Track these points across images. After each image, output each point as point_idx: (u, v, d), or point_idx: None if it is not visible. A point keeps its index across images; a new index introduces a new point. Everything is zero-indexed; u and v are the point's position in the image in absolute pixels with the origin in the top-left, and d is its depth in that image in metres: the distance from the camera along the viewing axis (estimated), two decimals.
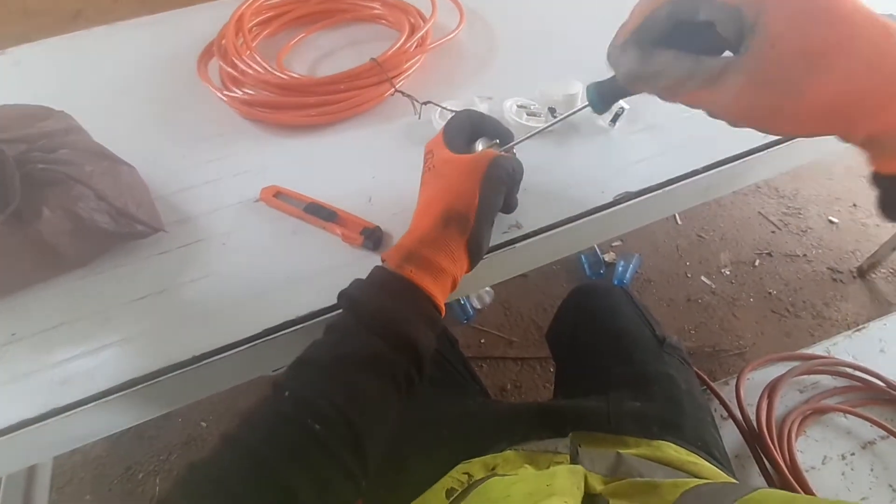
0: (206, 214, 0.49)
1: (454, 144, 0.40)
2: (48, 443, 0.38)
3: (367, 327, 0.34)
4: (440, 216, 0.37)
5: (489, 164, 0.38)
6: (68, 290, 0.43)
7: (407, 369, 0.34)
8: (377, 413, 0.33)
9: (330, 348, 0.34)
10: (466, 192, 0.37)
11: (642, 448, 0.49)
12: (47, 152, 0.42)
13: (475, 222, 0.37)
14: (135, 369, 0.38)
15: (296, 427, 0.30)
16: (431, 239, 0.36)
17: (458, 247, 0.37)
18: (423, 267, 0.36)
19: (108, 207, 0.42)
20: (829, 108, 0.24)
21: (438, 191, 0.38)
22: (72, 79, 0.66)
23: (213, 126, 0.58)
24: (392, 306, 0.34)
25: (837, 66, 0.23)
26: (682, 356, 0.63)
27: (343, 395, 0.32)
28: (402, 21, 0.66)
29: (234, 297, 0.42)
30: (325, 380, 0.32)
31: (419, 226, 0.38)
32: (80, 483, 1.04)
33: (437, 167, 0.40)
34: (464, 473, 0.47)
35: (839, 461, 0.64)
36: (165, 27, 0.73)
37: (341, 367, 0.33)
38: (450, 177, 0.38)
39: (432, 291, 0.36)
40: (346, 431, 0.31)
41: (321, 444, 0.30)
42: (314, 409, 0.31)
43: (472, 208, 0.37)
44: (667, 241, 1.43)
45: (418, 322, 0.35)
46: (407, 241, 0.37)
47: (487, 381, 1.19)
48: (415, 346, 0.34)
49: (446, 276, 0.36)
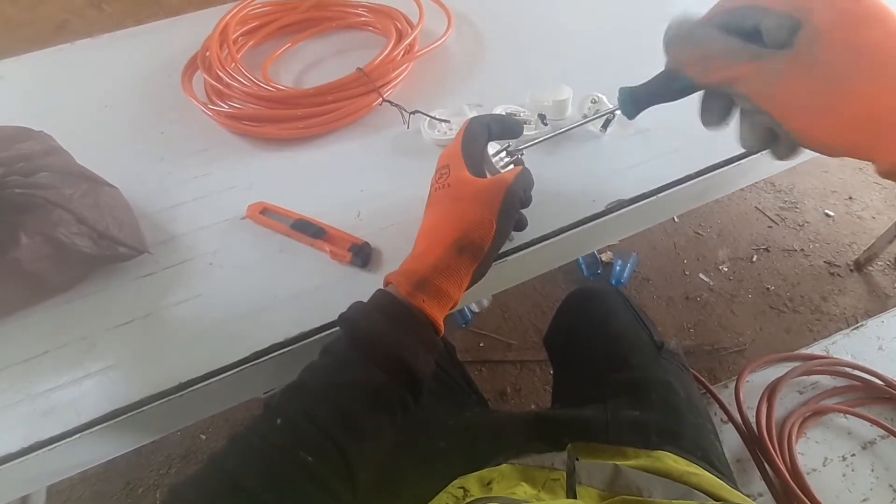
0: (192, 233, 0.48)
1: (472, 160, 0.39)
2: (34, 476, 0.37)
3: (365, 354, 0.33)
4: (455, 244, 0.36)
5: (507, 192, 0.37)
6: (51, 317, 0.42)
7: (403, 397, 0.34)
8: (370, 442, 0.33)
9: (325, 374, 0.33)
10: (484, 221, 0.36)
11: (641, 459, 0.48)
12: (25, 175, 0.41)
13: (489, 251, 0.36)
14: (120, 398, 0.37)
15: (287, 458, 0.30)
16: (445, 267, 0.35)
17: (468, 274, 0.36)
18: (433, 296, 0.35)
19: (90, 231, 0.41)
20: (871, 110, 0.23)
21: (454, 216, 0.37)
22: (54, 95, 0.65)
23: (198, 141, 0.57)
24: (394, 335, 0.33)
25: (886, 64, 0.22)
26: (681, 361, 0.62)
27: (337, 425, 0.31)
28: (389, 28, 0.65)
29: (220, 319, 0.41)
30: (318, 407, 0.31)
31: (432, 252, 0.36)
32: (79, 501, 1.04)
33: (453, 187, 0.38)
34: (459, 488, 0.46)
35: (840, 462, 0.64)
36: (151, 38, 0.72)
37: (336, 394, 0.32)
38: (466, 202, 0.37)
39: (437, 319, 0.35)
40: (339, 461, 0.31)
41: (312, 476, 0.30)
42: (306, 439, 0.30)
43: (487, 238, 0.36)
44: (664, 238, 1.43)
45: (419, 349, 0.34)
46: (419, 268, 0.35)
47: (487, 384, 1.19)
48: (413, 374, 0.33)
49: (452, 302, 0.36)
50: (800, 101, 0.24)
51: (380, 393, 0.33)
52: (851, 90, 0.23)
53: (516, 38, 0.67)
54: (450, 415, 0.57)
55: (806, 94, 0.24)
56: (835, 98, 0.23)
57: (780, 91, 0.24)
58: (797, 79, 0.24)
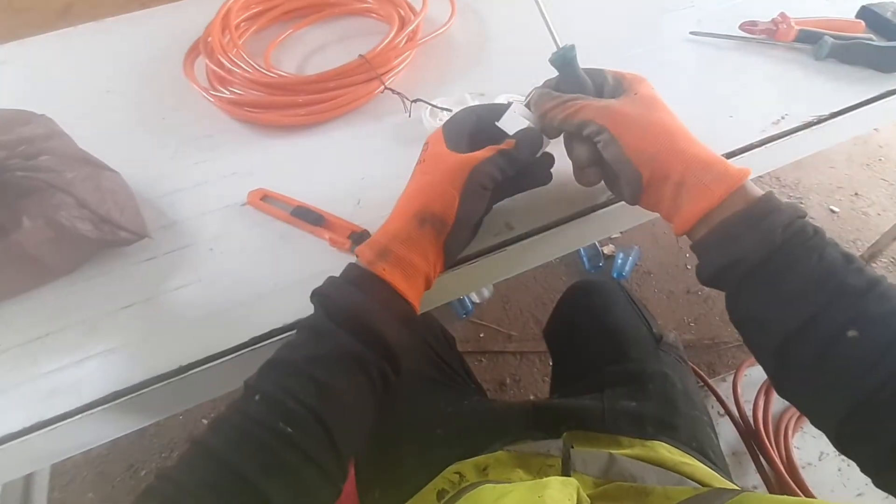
0: (193, 219, 0.48)
1: (452, 139, 0.39)
2: (36, 455, 0.38)
3: (337, 324, 0.33)
4: (416, 215, 0.36)
5: (473, 168, 0.37)
6: (52, 300, 0.42)
7: (380, 366, 0.34)
8: (351, 412, 0.33)
9: (300, 348, 0.33)
10: (446, 193, 0.36)
11: (636, 448, 0.48)
12: (27, 159, 0.41)
13: (454, 226, 0.36)
14: (121, 380, 0.37)
15: (267, 431, 0.30)
16: (405, 237, 0.36)
17: (434, 247, 0.36)
18: (395, 264, 0.35)
19: (91, 215, 0.41)
20: (664, 126, 0.37)
21: (419, 188, 0.38)
22: (57, 78, 0.65)
23: (200, 127, 0.57)
24: (362, 303, 0.34)
25: (664, 108, 0.39)
26: (679, 354, 0.62)
27: (315, 395, 0.31)
28: (391, 14, 0.64)
29: (221, 304, 0.42)
30: (295, 380, 0.31)
31: (394, 222, 0.37)
32: (83, 482, 1.05)
33: (426, 161, 0.39)
34: (455, 473, 0.47)
35: (836, 457, 0.64)
36: (154, 23, 0.72)
37: (312, 366, 0.32)
38: (433, 174, 0.38)
39: (403, 289, 0.35)
40: (320, 432, 0.31)
41: (294, 446, 0.30)
42: (285, 410, 0.30)
43: (450, 211, 0.36)
44: (667, 232, 1.42)
45: (390, 319, 0.34)
46: (381, 237, 0.36)
47: (486, 375, 1.19)
48: (386, 341, 0.33)
49: (419, 274, 0.36)
50: (627, 119, 0.37)
51: (355, 362, 0.33)
52: (652, 116, 0.37)
53: (519, 26, 0.66)
54: (448, 403, 0.58)
55: (630, 116, 0.37)
56: (645, 118, 0.37)
57: (615, 114, 0.37)
58: (624, 108, 0.37)
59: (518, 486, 0.32)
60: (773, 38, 0.59)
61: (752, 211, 0.33)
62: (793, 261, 0.32)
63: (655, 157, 0.36)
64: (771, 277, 0.33)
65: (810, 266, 0.31)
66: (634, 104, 0.38)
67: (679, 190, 0.36)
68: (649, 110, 0.37)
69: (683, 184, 0.35)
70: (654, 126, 0.37)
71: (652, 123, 0.37)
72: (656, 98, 0.39)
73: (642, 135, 0.36)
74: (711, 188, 0.34)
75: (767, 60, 0.59)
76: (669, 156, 0.36)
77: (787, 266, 0.32)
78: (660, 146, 0.36)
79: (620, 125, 0.37)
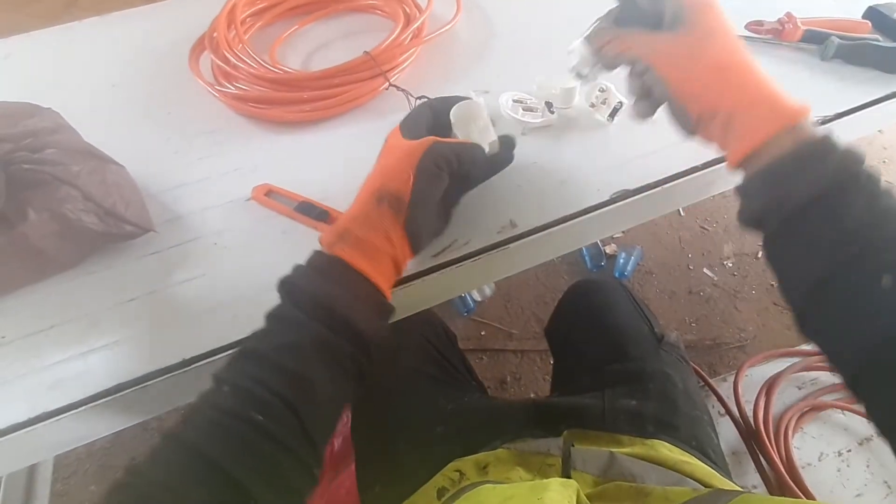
0: (198, 213, 0.48)
1: (409, 132, 0.41)
2: (39, 446, 0.38)
3: (302, 311, 0.33)
4: (374, 194, 0.37)
5: (428, 148, 0.38)
6: (57, 293, 0.42)
7: (351, 353, 0.33)
8: (321, 398, 0.32)
9: (268, 337, 0.33)
10: (401, 171, 0.37)
11: (636, 447, 0.48)
12: (33, 152, 0.41)
13: (410, 204, 0.36)
14: (125, 373, 0.38)
15: (240, 421, 0.29)
16: (363, 218, 0.36)
17: (394, 228, 0.36)
18: (354, 245, 0.35)
19: (96, 208, 0.41)
20: (717, 62, 0.35)
21: (377, 171, 0.39)
22: (62, 72, 0.65)
23: (205, 122, 0.57)
24: (326, 288, 0.33)
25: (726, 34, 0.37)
26: (681, 354, 0.62)
27: (284, 383, 0.31)
28: (397, 11, 0.64)
29: (224, 298, 0.42)
30: (264, 369, 0.31)
31: (354, 205, 0.38)
32: (85, 475, 1.06)
33: (384, 151, 0.41)
34: (455, 471, 0.47)
35: (835, 458, 0.64)
36: (159, 17, 0.72)
37: (280, 354, 0.32)
38: (389, 158, 0.39)
39: (366, 270, 0.34)
40: (291, 419, 0.30)
41: (268, 435, 0.29)
42: (256, 400, 0.30)
43: (405, 189, 0.36)
44: (669, 232, 1.42)
45: (355, 303, 0.34)
46: (341, 220, 0.37)
47: (487, 373, 1.19)
48: (354, 327, 0.33)
49: (382, 256, 0.36)
50: (674, 57, 0.36)
51: (323, 348, 0.32)
52: (704, 50, 0.36)
53: (525, 24, 0.66)
54: (449, 400, 0.58)
55: (678, 53, 0.36)
56: (694, 54, 0.36)
57: (663, 52, 0.37)
58: (673, 45, 0.36)
59: (518, 488, 0.32)
60: (779, 38, 0.59)
61: (800, 152, 0.32)
62: (836, 207, 0.31)
63: (703, 94, 0.35)
64: (811, 223, 0.31)
65: (856, 212, 0.30)
66: (686, 39, 0.36)
67: (727, 128, 0.35)
68: (701, 45, 0.35)
69: (730, 122, 0.34)
70: (702, 62, 0.35)
71: (701, 59, 0.35)
72: (714, 29, 0.36)
73: (689, 72, 0.35)
74: (757, 127, 0.33)
75: (773, 60, 0.59)
76: (717, 93, 0.35)
77: (831, 212, 0.31)
78: (707, 82, 0.35)
79: (667, 63, 0.36)
